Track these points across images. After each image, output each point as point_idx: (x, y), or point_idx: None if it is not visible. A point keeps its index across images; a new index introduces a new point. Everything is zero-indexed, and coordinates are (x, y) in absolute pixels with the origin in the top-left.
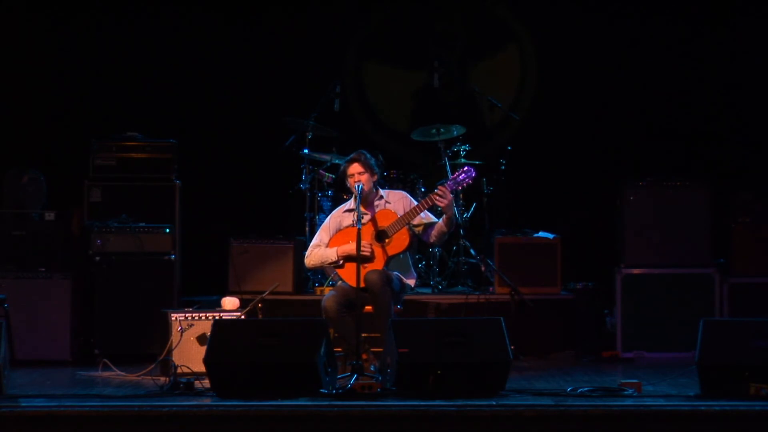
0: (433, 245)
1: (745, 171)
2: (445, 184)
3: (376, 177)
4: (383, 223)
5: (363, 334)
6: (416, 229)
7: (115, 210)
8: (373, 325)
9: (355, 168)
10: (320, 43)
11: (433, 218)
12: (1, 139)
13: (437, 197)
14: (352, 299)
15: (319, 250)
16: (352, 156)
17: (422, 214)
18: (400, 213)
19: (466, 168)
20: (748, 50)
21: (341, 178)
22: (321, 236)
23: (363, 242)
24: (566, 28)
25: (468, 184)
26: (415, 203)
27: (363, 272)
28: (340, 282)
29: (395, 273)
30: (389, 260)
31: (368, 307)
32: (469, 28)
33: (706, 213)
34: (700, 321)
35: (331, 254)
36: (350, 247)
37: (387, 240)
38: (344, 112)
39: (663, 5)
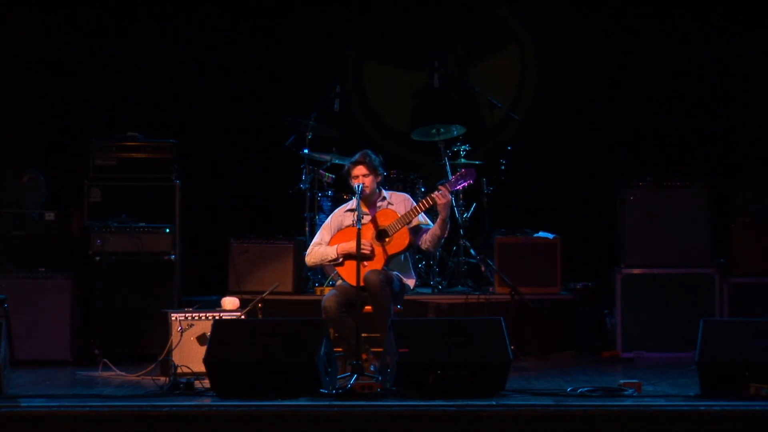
0: (426, 251)
1: (745, 171)
2: (445, 184)
3: (380, 178)
4: (384, 223)
5: (363, 334)
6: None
7: (115, 210)
8: (373, 325)
9: (360, 170)
10: (320, 43)
11: (430, 223)
12: (1, 139)
13: (438, 195)
14: (352, 299)
15: (320, 248)
16: (357, 158)
17: (420, 216)
18: (401, 213)
19: (466, 170)
20: (749, 50)
21: (345, 177)
22: (322, 235)
23: (363, 241)
24: (566, 28)
25: (469, 183)
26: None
27: (363, 271)
28: (340, 281)
29: (395, 273)
30: (389, 259)
31: (368, 307)
32: (469, 28)
33: (706, 213)
34: (700, 321)
35: (331, 252)
36: (350, 245)
37: (387, 239)
38: (344, 112)
39: (663, 5)
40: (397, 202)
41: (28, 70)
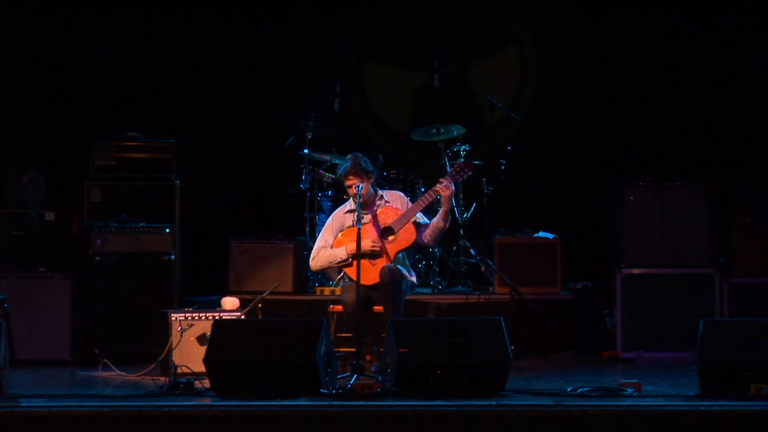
0: (427, 246)
1: (745, 171)
2: (447, 177)
3: (373, 179)
4: (387, 220)
5: (382, 335)
6: None
7: (115, 210)
8: (380, 326)
9: (351, 181)
10: (320, 43)
11: (426, 219)
12: (1, 139)
13: (441, 188)
14: (368, 295)
15: (326, 251)
16: (346, 168)
17: (418, 214)
18: (401, 210)
19: (464, 162)
20: (749, 50)
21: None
22: (325, 237)
23: (371, 239)
24: (566, 28)
25: (468, 176)
26: (411, 204)
27: (374, 269)
28: (349, 281)
29: (405, 271)
30: (396, 255)
31: (377, 308)
32: (469, 28)
33: (706, 213)
34: (700, 321)
35: (340, 253)
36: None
37: (392, 236)
38: (344, 112)
39: (663, 5)
40: (394, 199)
41: (28, 70)
